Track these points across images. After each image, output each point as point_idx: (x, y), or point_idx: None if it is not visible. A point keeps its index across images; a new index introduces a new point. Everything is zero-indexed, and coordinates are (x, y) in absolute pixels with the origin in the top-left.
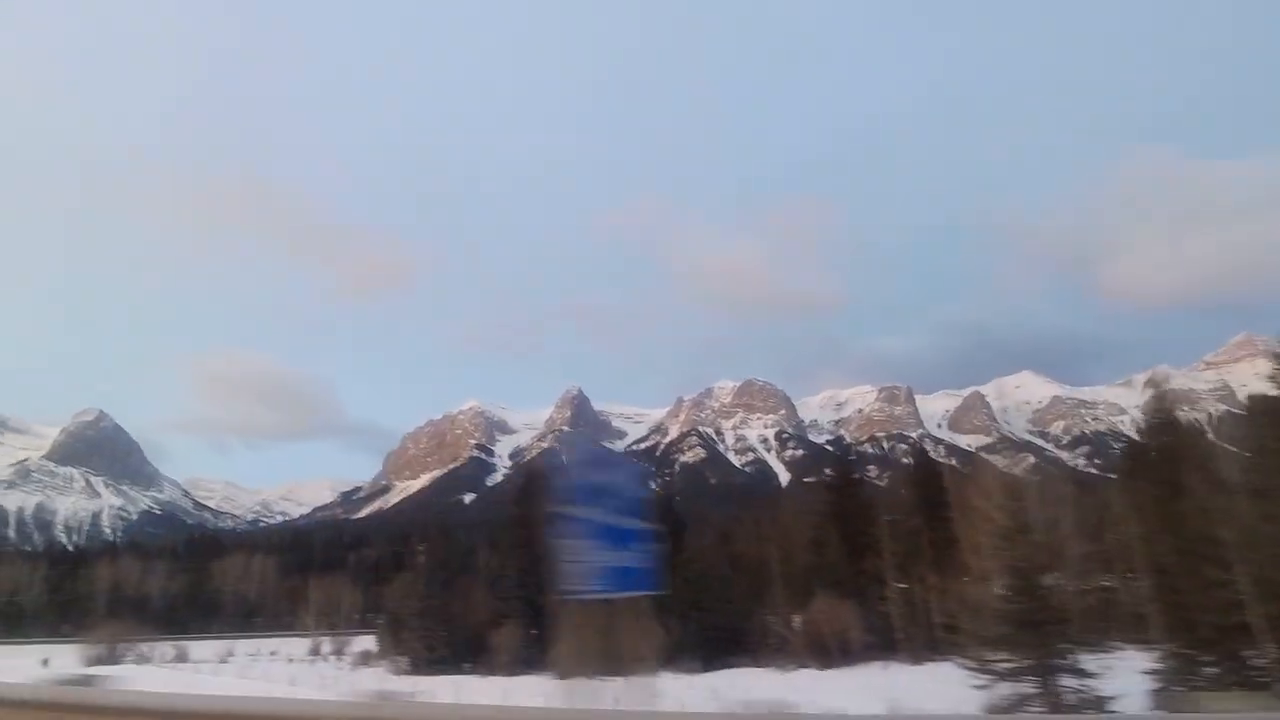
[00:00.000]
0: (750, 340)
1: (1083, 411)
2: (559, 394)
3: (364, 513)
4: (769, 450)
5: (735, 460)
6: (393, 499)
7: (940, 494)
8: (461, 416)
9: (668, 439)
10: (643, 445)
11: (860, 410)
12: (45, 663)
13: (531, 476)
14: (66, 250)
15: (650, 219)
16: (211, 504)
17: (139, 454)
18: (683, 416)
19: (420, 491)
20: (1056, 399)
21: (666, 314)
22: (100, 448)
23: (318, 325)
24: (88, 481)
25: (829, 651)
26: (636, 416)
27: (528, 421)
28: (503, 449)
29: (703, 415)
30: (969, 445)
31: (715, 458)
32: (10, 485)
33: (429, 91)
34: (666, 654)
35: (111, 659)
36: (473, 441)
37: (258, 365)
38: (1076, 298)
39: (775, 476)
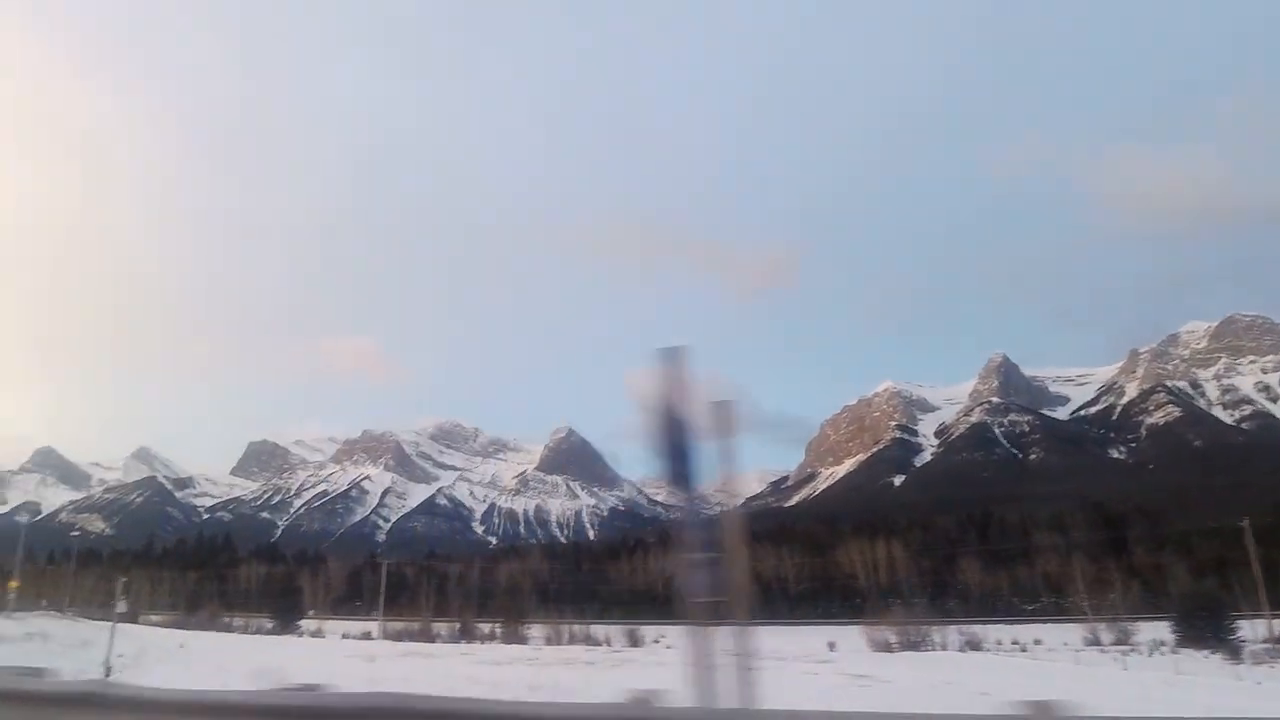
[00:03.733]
0: (1222, 269)
1: None
2: (981, 364)
3: (794, 500)
4: (1274, 400)
5: (1224, 416)
6: (820, 485)
7: None
8: (877, 399)
9: (1125, 399)
10: (1093, 410)
11: None
12: (831, 646)
13: None
14: (522, 293)
15: (1054, 153)
16: (660, 499)
17: (601, 461)
18: (1141, 371)
19: (846, 476)
20: None
21: (1098, 257)
22: (573, 458)
23: (723, 330)
24: (568, 486)
25: None
26: (1079, 378)
27: (949, 397)
28: (926, 428)
29: (1168, 367)
30: None
31: (1195, 415)
32: (516, 492)
33: (786, 78)
34: None
35: (907, 644)
36: (893, 423)
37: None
38: None
39: None
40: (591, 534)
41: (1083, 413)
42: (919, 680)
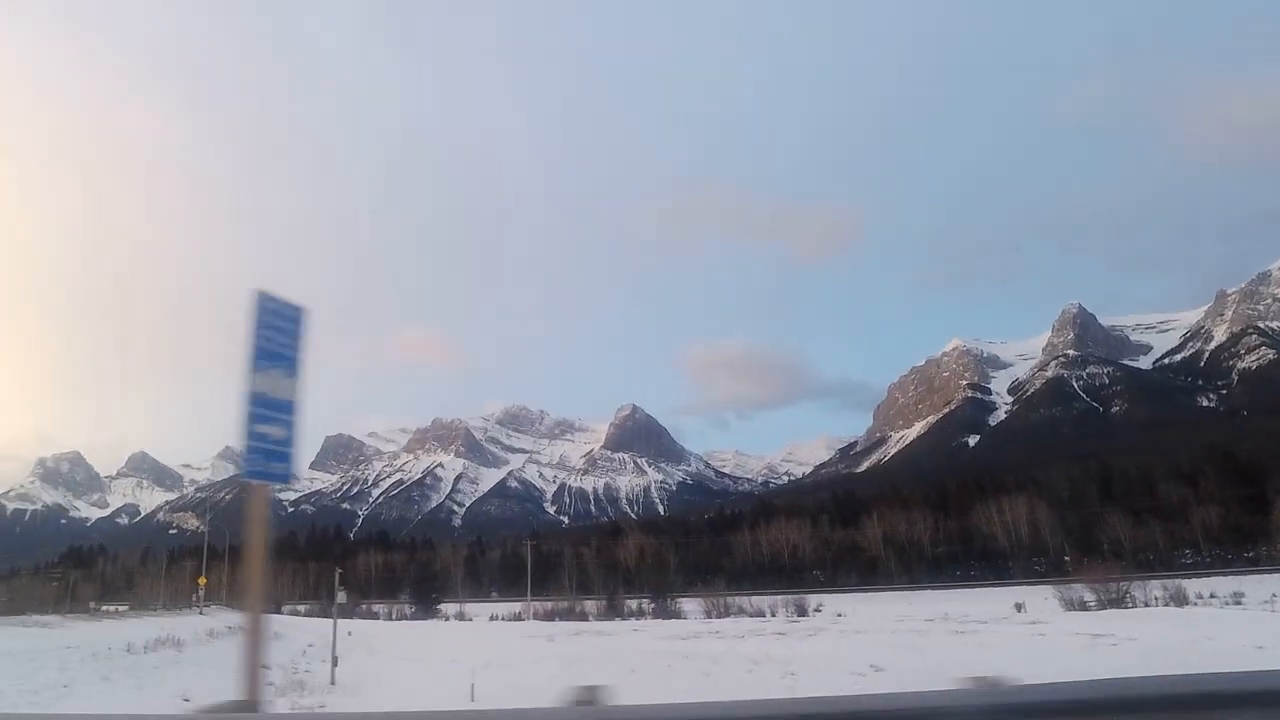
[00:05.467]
0: None
1: None
2: (1054, 315)
3: (863, 466)
4: None
5: None
6: (891, 449)
7: None
8: (946, 358)
9: (1213, 344)
10: (1178, 357)
11: None
12: (1019, 607)
13: None
14: (580, 274)
15: (1124, 87)
16: (727, 471)
17: (667, 436)
18: (1229, 313)
19: (917, 439)
20: None
21: (1177, 195)
22: (638, 435)
23: (781, 303)
24: (635, 463)
25: None
26: (1161, 324)
27: (1022, 352)
28: (999, 385)
29: (1259, 307)
30: None
31: None
32: (585, 472)
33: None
34: None
35: (1106, 601)
36: (963, 382)
37: (735, 347)
38: None
39: None
40: (661, 509)
41: (1167, 361)
42: (1169, 638)
